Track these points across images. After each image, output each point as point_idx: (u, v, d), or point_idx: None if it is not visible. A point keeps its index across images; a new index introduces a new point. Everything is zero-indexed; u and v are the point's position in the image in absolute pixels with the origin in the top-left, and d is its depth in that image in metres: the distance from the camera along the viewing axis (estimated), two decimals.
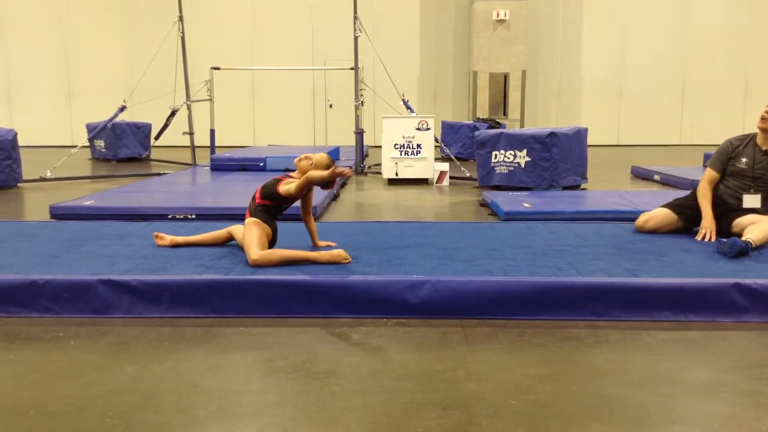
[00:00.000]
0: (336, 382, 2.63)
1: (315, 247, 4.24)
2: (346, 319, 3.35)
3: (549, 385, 2.58)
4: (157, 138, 11.80)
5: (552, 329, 3.22)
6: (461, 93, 17.49)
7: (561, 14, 17.15)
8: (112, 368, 2.76)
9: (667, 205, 4.88)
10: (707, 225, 4.52)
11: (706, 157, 9.79)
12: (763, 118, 4.49)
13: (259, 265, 3.70)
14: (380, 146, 9.69)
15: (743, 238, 4.10)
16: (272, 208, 4.04)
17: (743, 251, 3.96)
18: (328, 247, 4.20)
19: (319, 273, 3.57)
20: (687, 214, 4.76)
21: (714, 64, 17.12)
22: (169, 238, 4.30)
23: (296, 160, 4.18)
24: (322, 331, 3.20)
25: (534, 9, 16.66)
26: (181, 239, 4.33)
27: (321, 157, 4.15)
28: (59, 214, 5.99)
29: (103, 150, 12.76)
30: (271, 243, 4.01)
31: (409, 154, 9.12)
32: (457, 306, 3.37)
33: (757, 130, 4.64)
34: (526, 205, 6.18)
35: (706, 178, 4.67)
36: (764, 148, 4.54)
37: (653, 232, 4.77)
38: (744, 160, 4.57)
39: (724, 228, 4.53)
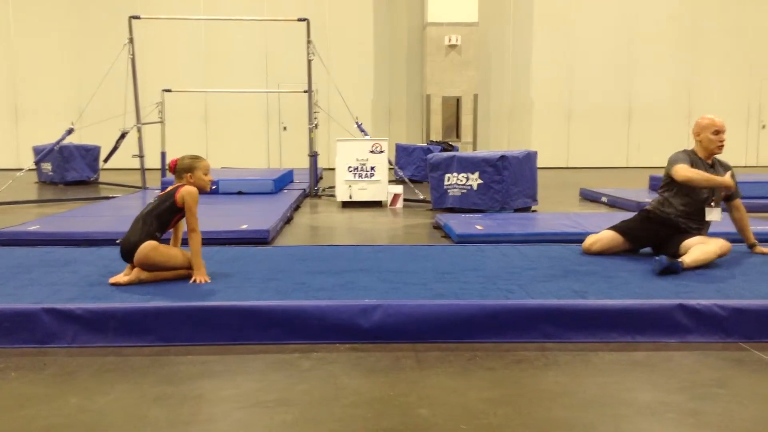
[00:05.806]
0: (287, 410, 2.59)
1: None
2: (298, 345, 3.32)
3: (500, 408, 2.60)
4: (106, 161, 11.58)
5: (502, 352, 3.24)
6: (415, 116, 17.66)
7: (511, 39, 17.52)
8: (55, 400, 2.68)
9: (613, 228, 4.98)
10: (726, 181, 4.60)
11: (652, 179, 10.02)
12: (720, 143, 4.70)
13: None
14: (334, 169, 9.69)
15: (681, 258, 4.28)
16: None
17: (669, 269, 4.13)
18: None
19: (270, 298, 3.54)
20: (632, 235, 4.88)
21: (659, 88, 17.68)
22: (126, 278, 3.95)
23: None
24: (273, 358, 3.16)
25: (484, 34, 16.98)
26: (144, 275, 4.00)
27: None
28: (2, 240, 5.80)
29: (51, 173, 12.46)
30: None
31: (363, 176, 9.15)
32: (409, 330, 3.37)
33: (692, 146, 4.86)
34: (479, 227, 6.24)
35: (685, 167, 4.63)
36: (708, 162, 4.76)
37: (600, 254, 4.86)
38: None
39: (671, 250, 4.61)
